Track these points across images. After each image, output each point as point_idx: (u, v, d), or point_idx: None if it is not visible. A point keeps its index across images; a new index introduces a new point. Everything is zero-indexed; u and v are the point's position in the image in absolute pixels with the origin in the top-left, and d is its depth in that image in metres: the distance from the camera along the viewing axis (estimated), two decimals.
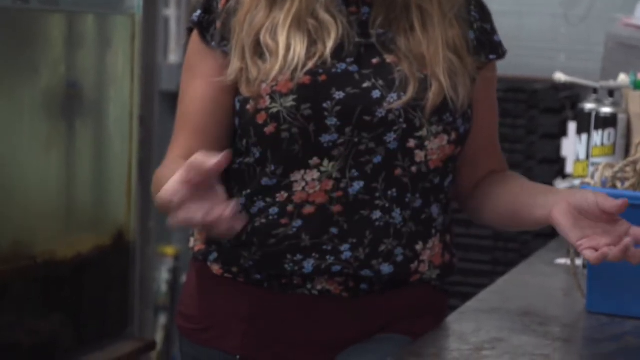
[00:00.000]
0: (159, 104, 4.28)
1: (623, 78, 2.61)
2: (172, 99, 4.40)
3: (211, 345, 1.97)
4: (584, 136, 2.50)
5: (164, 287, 4.57)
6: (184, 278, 4.56)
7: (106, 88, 2.54)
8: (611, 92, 2.54)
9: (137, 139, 2.61)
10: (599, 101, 2.53)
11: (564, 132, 3.49)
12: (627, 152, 2.45)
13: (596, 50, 3.79)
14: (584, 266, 2.31)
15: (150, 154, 3.32)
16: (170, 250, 4.55)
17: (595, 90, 2.60)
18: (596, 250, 1.66)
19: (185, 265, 4.55)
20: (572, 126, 2.72)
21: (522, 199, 1.90)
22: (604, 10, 4.00)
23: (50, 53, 2.38)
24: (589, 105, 2.53)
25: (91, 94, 2.50)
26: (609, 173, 2.09)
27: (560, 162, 3.20)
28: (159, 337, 4.47)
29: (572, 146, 2.66)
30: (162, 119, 4.32)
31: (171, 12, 4.44)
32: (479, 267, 2.10)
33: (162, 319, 4.59)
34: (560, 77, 2.84)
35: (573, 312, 2.06)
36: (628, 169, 2.05)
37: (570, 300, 2.15)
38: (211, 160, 1.50)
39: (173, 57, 4.51)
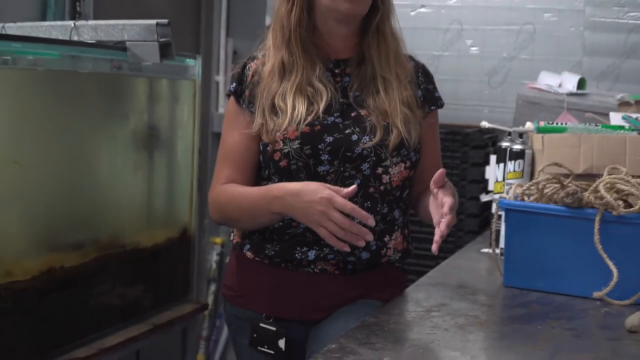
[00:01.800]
0: (211, 141, 4.29)
1: (529, 125, 2.60)
2: (218, 137, 4.43)
3: (246, 307, 1.98)
4: (501, 165, 2.48)
5: (213, 265, 4.54)
6: (227, 259, 4.58)
7: (176, 130, 2.54)
8: (521, 135, 2.53)
9: (197, 164, 2.60)
10: (512, 141, 2.52)
11: (487, 162, 3.47)
12: (532, 176, 2.44)
13: (510, 105, 3.77)
14: (501, 253, 2.30)
15: (205, 175, 3.30)
16: (218, 240, 4.53)
17: (509, 134, 2.58)
18: None
19: (228, 250, 4.56)
20: (492, 158, 2.70)
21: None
22: (516, 78, 3.97)
23: (137, 105, 2.38)
24: (504, 144, 2.51)
25: (165, 134, 2.50)
26: (519, 190, 2.07)
27: (485, 182, 3.17)
28: (210, 300, 4.45)
29: (493, 171, 2.64)
30: (213, 152, 4.33)
31: (220, 78, 4.42)
32: (429, 253, 2.08)
33: (212, 288, 4.56)
34: (485, 124, 2.82)
35: (494, 286, 2.04)
36: (533, 187, 2.02)
37: (492, 277, 2.14)
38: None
39: (221, 109, 4.50)
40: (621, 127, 2.38)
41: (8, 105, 1.90)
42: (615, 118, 2.58)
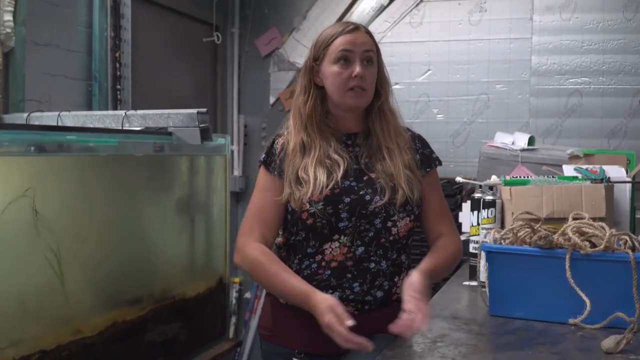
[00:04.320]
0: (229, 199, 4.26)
1: (495, 178, 2.57)
2: (235, 195, 4.41)
3: (280, 344, 1.91)
4: (476, 212, 2.44)
5: (234, 301, 4.46)
6: (246, 295, 4.52)
7: (211, 196, 2.50)
8: (491, 187, 2.50)
9: (229, 224, 2.56)
10: (483, 192, 2.48)
11: (457, 207, 3.44)
12: (502, 221, 2.40)
13: (471, 160, 3.79)
14: (481, 286, 2.26)
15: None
16: (237, 280, 4.45)
17: (480, 186, 2.55)
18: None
19: (246, 288, 4.50)
20: (465, 205, 2.65)
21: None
22: (475, 138, 3.98)
23: (180, 177, 2.34)
24: (477, 195, 2.47)
25: (203, 199, 2.46)
26: (498, 235, 2.03)
27: (459, 225, 3.14)
28: (231, 330, 4.37)
29: (467, 217, 2.59)
30: (231, 207, 4.29)
31: (234, 147, 4.40)
32: None
33: (233, 320, 4.47)
34: (459, 179, 2.78)
35: (481, 316, 1.97)
36: (509, 233, 1.99)
37: (478, 308, 2.07)
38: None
39: (236, 172, 4.46)
40: (575, 178, 2.36)
41: (75, 186, 1.86)
42: (568, 170, 2.57)
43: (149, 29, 3.64)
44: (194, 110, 1.92)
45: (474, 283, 2.41)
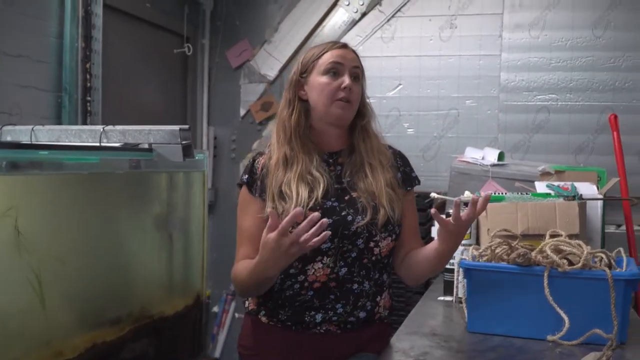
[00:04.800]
0: None
1: (468, 193, 2.59)
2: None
3: None
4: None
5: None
6: (214, 309, 4.47)
7: (190, 209, 2.47)
8: (466, 203, 2.52)
9: (207, 240, 2.53)
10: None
11: (428, 221, 3.48)
12: (477, 237, 2.44)
13: (441, 175, 3.83)
14: (460, 301, 2.28)
15: None
16: (206, 293, 4.40)
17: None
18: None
19: (214, 301, 4.45)
20: None
21: (425, 250, 1.88)
22: (445, 152, 4.02)
23: (158, 194, 2.32)
24: (452, 210, 2.49)
25: (181, 214, 2.43)
26: (476, 252, 2.06)
27: (430, 238, 3.16)
28: None
29: None
30: None
31: None
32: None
33: None
34: (434, 194, 2.79)
35: (459, 332, 1.99)
36: (487, 250, 2.02)
37: (455, 324, 2.10)
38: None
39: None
40: (548, 195, 2.40)
41: (53, 205, 1.83)
42: (540, 186, 2.61)
43: (120, 39, 3.60)
44: (176, 127, 1.91)
45: (449, 298, 2.43)
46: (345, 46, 1.91)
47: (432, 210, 1.72)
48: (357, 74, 1.89)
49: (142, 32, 3.83)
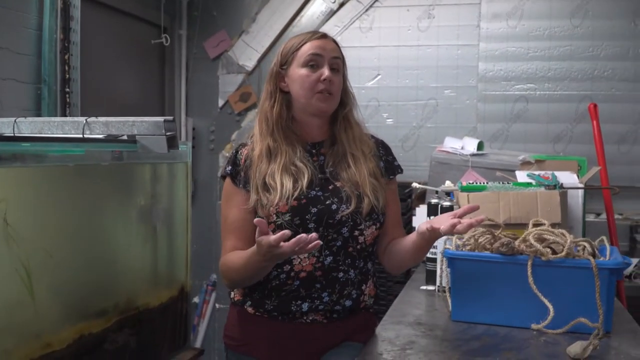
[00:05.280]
0: None
1: (449, 183, 2.62)
2: None
3: (248, 354, 1.91)
4: (432, 217, 2.48)
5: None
6: (194, 299, 4.44)
7: (173, 201, 2.46)
8: (448, 193, 2.54)
9: (190, 231, 2.52)
10: (439, 198, 2.53)
11: (409, 211, 3.50)
12: None
13: (420, 164, 3.85)
14: (443, 290, 2.30)
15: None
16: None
17: (437, 192, 2.60)
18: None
19: (194, 292, 4.43)
20: (419, 210, 2.69)
21: (406, 241, 1.89)
22: (424, 142, 4.04)
23: (142, 185, 2.30)
24: (434, 200, 2.52)
25: (165, 205, 2.42)
26: (459, 242, 2.08)
27: (411, 228, 3.18)
28: None
29: (422, 220, 2.62)
30: None
31: None
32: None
33: None
34: (415, 185, 2.83)
35: (443, 321, 2.01)
36: (470, 239, 2.04)
37: (439, 313, 2.11)
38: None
39: None
40: (529, 184, 2.43)
41: (39, 197, 1.81)
42: (521, 176, 2.64)
43: (98, 30, 3.56)
44: (161, 119, 1.90)
45: (432, 287, 2.45)
46: (324, 36, 1.91)
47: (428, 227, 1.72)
48: (338, 65, 1.89)
49: (120, 23, 3.79)
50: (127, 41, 3.87)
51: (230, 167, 1.92)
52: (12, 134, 2.21)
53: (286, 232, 1.58)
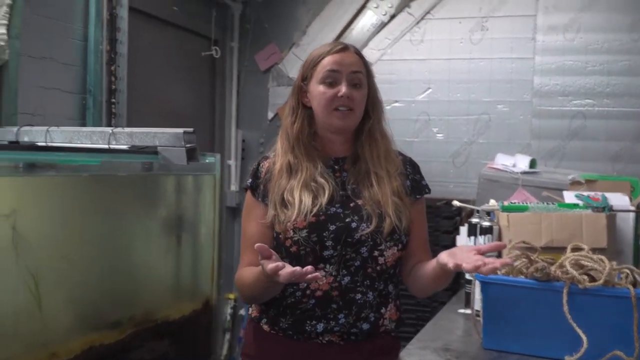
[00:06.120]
0: (226, 214, 4.20)
1: (493, 202, 2.51)
2: (232, 211, 4.35)
3: None
4: (472, 237, 2.38)
5: (228, 318, 4.41)
6: (240, 311, 4.44)
7: (199, 216, 2.43)
8: (488, 213, 2.43)
9: (218, 244, 2.48)
10: (480, 217, 2.42)
11: (456, 230, 3.38)
12: None
13: (471, 181, 3.72)
14: (476, 315, 2.19)
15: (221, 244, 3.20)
16: (231, 295, 4.39)
17: (477, 211, 2.49)
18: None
19: (240, 304, 4.41)
20: (462, 229, 2.58)
21: (428, 266, 1.77)
22: (475, 158, 3.92)
23: (166, 197, 2.29)
24: (474, 220, 2.41)
25: (191, 218, 2.39)
26: None
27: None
28: (225, 348, 4.31)
29: (464, 242, 2.52)
30: (228, 224, 4.24)
31: (232, 162, 4.37)
32: (413, 322, 1.95)
33: (227, 336, 4.42)
34: (456, 203, 2.72)
35: (474, 348, 1.90)
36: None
37: (471, 339, 2.00)
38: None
39: (233, 187, 4.42)
40: (576, 205, 2.29)
41: (57, 206, 1.80)
42: (569, 196, 2.50)
43: (147, 42, 3.59)
44: (180, 130, 1.86)
45: (469, 311, 2.34)
46: (344, 49, 1.82)
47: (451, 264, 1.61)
48: (358, 79, 1.81)
49: (169, 35, 3.81)
50: (177, 53, 3.89)
51: (250, 180, 1.87)
52: (45, 143, 2.23)
53: (280, 264, 1.53)
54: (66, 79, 2.99)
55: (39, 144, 2.22)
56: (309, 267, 1.52)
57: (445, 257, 1.61)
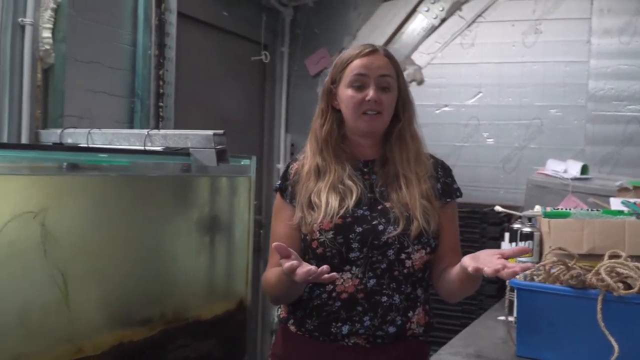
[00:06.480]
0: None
1: (537, 208, 2.46)
2: None
3: None
4: (513, 244, 2.34)
5: (276, 319, 4.41)
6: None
7: (234, 215, 2.45)
8: (530, 219, 2.38)
9: (252, 245, 2.50)
10: (522, 223, 2.37)
11: (502, 236, 3.31)
12: (540, 254, 2.28)
13: (522, 188, 3.62)
14: (514, 322, 2.14)
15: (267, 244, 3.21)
16: None
17: (519, 217, 2.44)
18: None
19: None
20: (506, 235, 2.53)
21: (453, 271, 1.72)
22: (527, 164, 3.83)
23: (200, 198, 2.31)
24: (516, 226, 2.37)
25: (225, 219, 2.41)
26: (528, 271, 1.91)
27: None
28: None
29: (506, 246, 2.48)
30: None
31: (280, 166, 4.39)
32: (451, 328, 1.91)
33: (273, 338, 4.43)
34: (498, 208, 2.67)
35: (508, 355, 1.85)
36: (540, 269, 1.87)
37: (506, 347, 1.95)
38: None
39: None
40: (620, 212, 2.22)
41: (93, 204, 1.85)
42: (615, 203, 2.42)
43: (195, 47, 3.65)
44: (211, 132, 1.89)
45: (511, 319, 2.29)
46: (373, 52, 1.81)
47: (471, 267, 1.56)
48: (387, 82, 1.79)
49: (219, 40, 3.86)
50: (226, 57, 3.94)
51: (280, 182, 1.89)
52: (86, 144, 2.29)
53: (295, 263, 1.52)
54: (114, 82, 3.06)
55: (81, 145, 2.28)
56: (324, 267, 1.51)
57: (467, 261, 1.58)
